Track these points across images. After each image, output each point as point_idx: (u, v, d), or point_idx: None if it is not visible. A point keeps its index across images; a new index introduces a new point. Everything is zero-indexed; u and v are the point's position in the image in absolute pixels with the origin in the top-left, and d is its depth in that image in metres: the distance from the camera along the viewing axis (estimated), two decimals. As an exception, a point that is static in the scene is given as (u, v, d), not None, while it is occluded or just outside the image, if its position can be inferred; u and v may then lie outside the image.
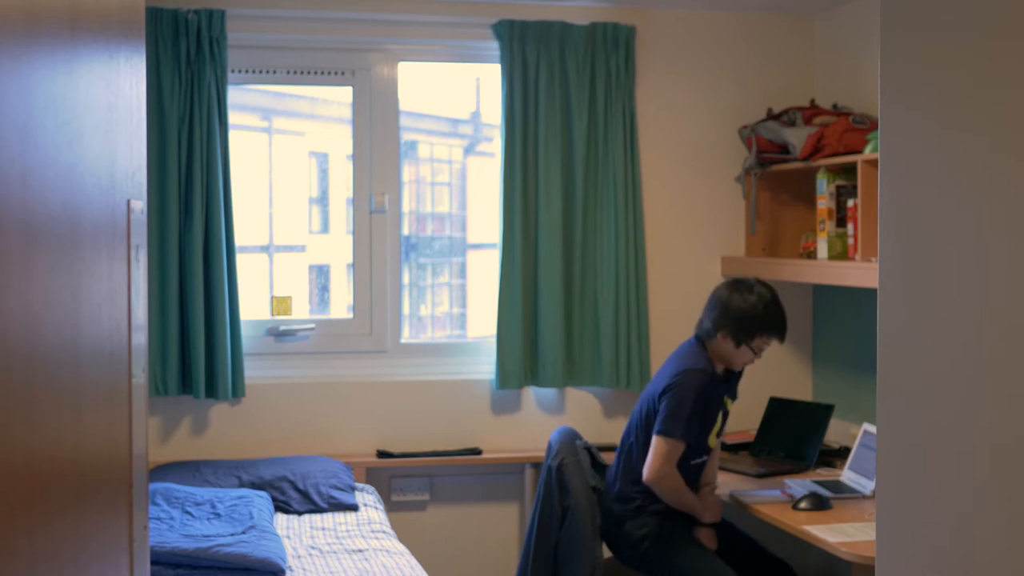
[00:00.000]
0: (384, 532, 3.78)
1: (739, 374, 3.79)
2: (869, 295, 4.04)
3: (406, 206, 4.70)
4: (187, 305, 4.15)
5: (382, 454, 4.39)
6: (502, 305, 4.39)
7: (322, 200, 4.92)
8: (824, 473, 4.03)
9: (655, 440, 3.58)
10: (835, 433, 4.35)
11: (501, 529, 4.53)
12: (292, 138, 4.95)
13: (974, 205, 1.08)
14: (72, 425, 1.05)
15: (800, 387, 4.71)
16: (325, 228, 4.89)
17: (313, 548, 3.61)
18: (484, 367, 4.54)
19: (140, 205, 1.32)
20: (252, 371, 4.34)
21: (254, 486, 3.98)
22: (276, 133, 4.84)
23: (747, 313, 3.58)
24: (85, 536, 1.10)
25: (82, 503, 1.09)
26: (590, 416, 4.53)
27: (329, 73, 4.50)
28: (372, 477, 4.40)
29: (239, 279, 4.23)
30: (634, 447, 3.72)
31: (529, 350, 4.43)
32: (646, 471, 3.58)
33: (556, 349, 4.40)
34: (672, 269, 4.60)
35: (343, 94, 4.57)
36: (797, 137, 4.17)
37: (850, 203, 3.93)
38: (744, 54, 4.66)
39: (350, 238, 4.55)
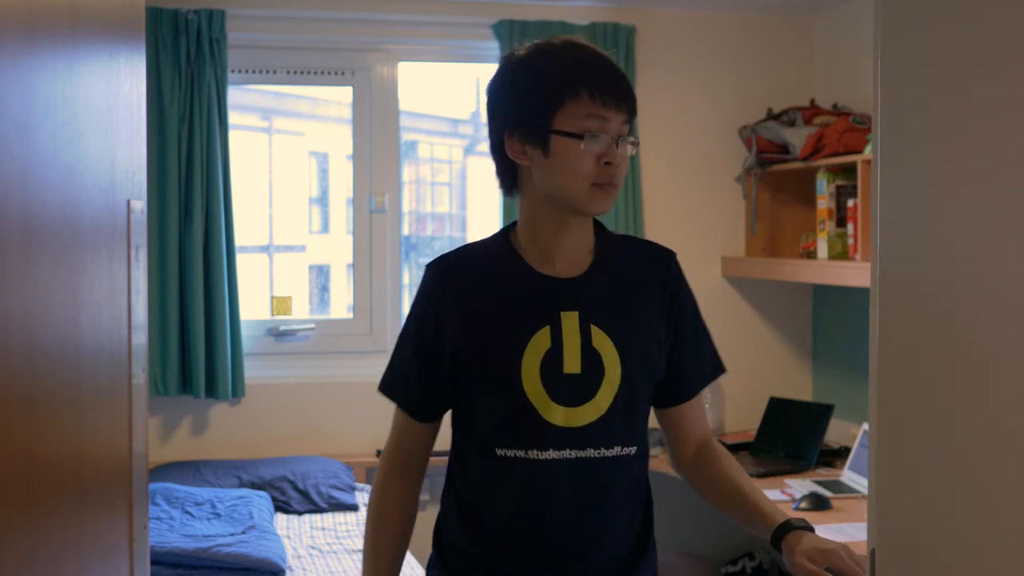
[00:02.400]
0: (384, 532, 3.78)
1: (616, 268, 1.91)
2: (869, 295, 4.04)
3: (406, 206, 4.70)
4: (187, 305, 4.15)
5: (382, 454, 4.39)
6: (502, 305, 4.38)
7: (322, 200, 4.93)
8: (824, 473, 4.03)
9: None
10: (835, 433, 4.35)
11: (501, 529, 4.53)
12: (292, 138, 4.95)
13: (975, 203, 1.08)
14: (72, 425, 1.05)
15: (800, 387, 4.70)
16: (325, 228, 4.89)
17: (313, 548, 3.61)
18: (484, 367, 4.54)
19: (140, 205, 1.32)
20: (252, 371, 4.34)
21: (254, 486, 3.98)
22: (276, 133, 4.84)
23: (528, 75, 1.83)
24: (85, 536, 1.10)
25: (82, 503, 1.09)
26: (590, 416, 4.53)
27: (329, 73, 4.50)
28: (372, 477, 4.40)
29: (239, 279, 4.23)
30: None
31: (529, 350, 4.43)
32: None
33: (556, 349, 4.39)
34: (672, 269, 4.59)
35: (343, 94, 4.57)
36: (797, 137, 4.17)
37: (850, 203, 3.93)
38: (744, 54, 4.66)
39: (350, 238, 4.55)
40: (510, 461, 1.83)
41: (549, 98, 1.78)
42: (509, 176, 1.90)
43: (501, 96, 1.89)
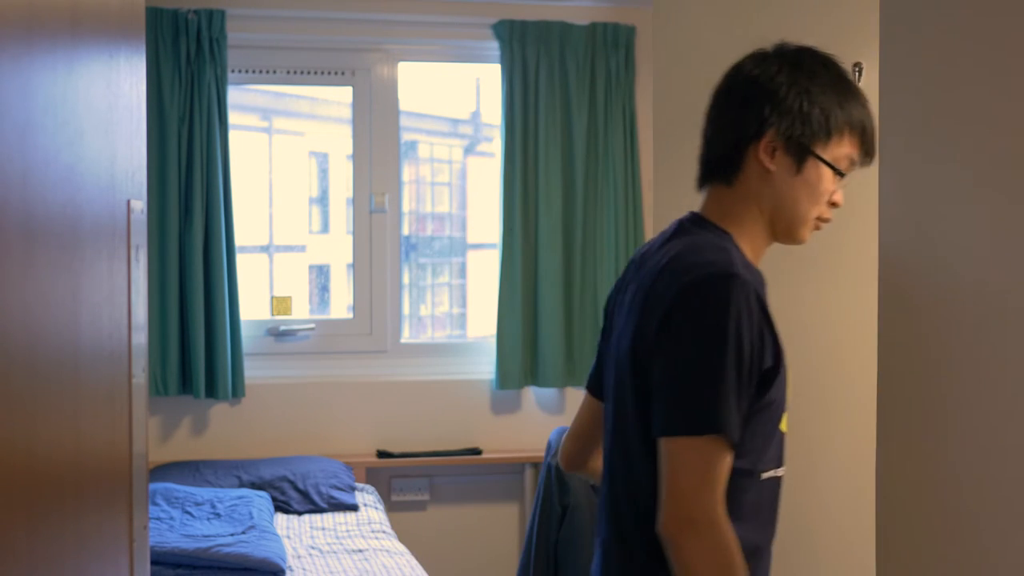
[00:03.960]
0: (384, 532, 3.78)
1: None
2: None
3: (406, 206, 4.70)
4: (187, 305, 4.15)
5: (382, 454, 4.39)
6: (502, 305, 4.39)
7: (322, 200, 4.92)
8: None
9: (663, 449, 1.61)
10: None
11: (501, 529, 4.53)
12: (292, 138, 4.95)
13: (975, 200, 1.08)
14: (72, 425, 1.05)
15: (800, 387, 4.70)
16: (325, 228, 4.89)
17: (313, 548, 3.61)
18: (484, 367, 4.54)
19: (140, 205, 1.32)
20: (252, 371, 4.34)
21: (254, 486, 3.98)
22: (276, 133, 4.84)
23: (838, 93, 1.66)
24: (85, 536, 1.10)
25: (82, 503, 1.09)
26: (590, 416, 4.52)
27: (329, 73, 4.50)
28: (372, 477, 4.40)
29: (239, 279, 4.23)
30: (621, 468, 1.75)
31: (529, 350, 4.43)
32: (661, 514, 1.60)
33: (556, 349, 4.40)
34: (672, 269, 4.59)
35: (343, 94, 4.57)
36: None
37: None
38: (744, 54, 4.65)
39: (350, 238, 4.55)
40: (771, 483, 1.71)
41: (838, 126, 1.67)
42: (730, 166, 1.73)
43: (796, 92, 1.68)
